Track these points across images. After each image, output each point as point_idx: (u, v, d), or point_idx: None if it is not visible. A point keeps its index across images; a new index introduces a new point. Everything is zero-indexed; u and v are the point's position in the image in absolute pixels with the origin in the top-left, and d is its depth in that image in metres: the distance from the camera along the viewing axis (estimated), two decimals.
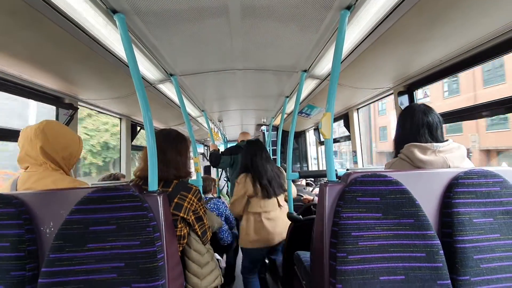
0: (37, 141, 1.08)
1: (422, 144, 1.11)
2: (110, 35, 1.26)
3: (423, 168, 1.09)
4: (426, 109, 1.18)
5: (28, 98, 1.65)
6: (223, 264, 2.41)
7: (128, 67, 1.10)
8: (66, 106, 1.91)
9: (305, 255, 1.58)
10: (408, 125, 1.20)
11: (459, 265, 0.88)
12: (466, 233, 0.90)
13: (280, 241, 2.08)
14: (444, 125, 1.21)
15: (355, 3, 1.10)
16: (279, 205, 2.14)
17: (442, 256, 0.87)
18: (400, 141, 1.21)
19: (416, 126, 1.17)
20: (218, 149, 3.22)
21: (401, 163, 1.16)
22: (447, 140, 1.14)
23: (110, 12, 1.07)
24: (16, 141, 1.15)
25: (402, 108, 1.99)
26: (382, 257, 0.87)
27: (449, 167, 1.08)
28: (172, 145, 1.26)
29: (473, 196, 0.93)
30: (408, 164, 1.14)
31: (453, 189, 0.94)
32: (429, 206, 0.96)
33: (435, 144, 1.10)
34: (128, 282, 0.83)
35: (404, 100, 2.01)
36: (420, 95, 2.00)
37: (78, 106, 2.04)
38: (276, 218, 2.11)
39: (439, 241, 0.88)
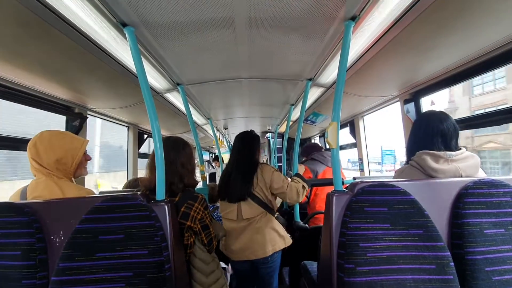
0: (30, 154, 1.11)
1: (435, 152, 1.09)
2: (119, 47, 1.29)
3: (434, 176, 1.08)
4: (443, 117, 1.15)
5: (39, 108, 1.69)
6: (229, 273, 2.39)
7: (137, 77, 1.13)
8: (76, 116, 1.96)
9: (312, 265, 1.56)
10: (422, 132, 1.18)
11: (470, 277, 0.86)
12: (477, 245, 0.88)
13: (256, 258, 1.64)
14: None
15: (359, 14, 1.11)
16: (240, 215, 1.67)
17: (452, 268, 0.85)
18: (412, 148, 1.19)
19: (430, 134, 1.14)
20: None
21: (412, 171, 1.14)
22: (460, 149, 1.11)
23: (120, 25, 1.11)
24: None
25: (408, 116, 1.99)
26: (391, 269, 0.86)
27: (461, 176, 1.06)
28: (181, 154, 1.26)
29: (484, 207, 0.91)
30: (419, 172, 1.12)
31: (463, 199, 0.93)
32: (438, 217, 0.95)
33: (448, 152, 1.08)
34: None
35: (411, 108, 2.00)
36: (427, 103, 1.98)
37: (87, 116, 2.08)
38: (238, 231, 1.68)
39: (449, 253, 0.86)
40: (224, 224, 1.74)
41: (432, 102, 1.95)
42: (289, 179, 1.78)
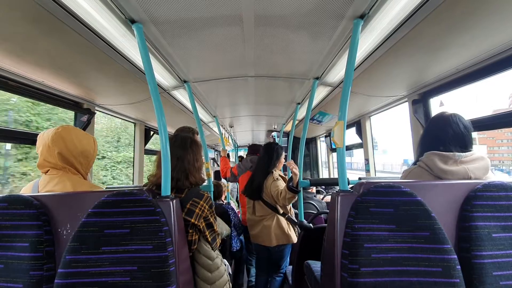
0: (55, 147, 1.11)
1: (444, 153, 1.08)
2: (127, 43, 1.30)
3: (443, 177, 1.06)
4: (442, 121, 1.16)
5: (50, 104, 1.72)
6: (231, 271, 2.40)
7: (144, 73, 1.14)
8: (84, 111, 1.98)
9: (315, 265, 1.56)
10: (423, 135, 1.23)
11: (477, 281, 0.85)
12: (485, 248, 0.86)
13: (264, 245, 2.15)
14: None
15: (368, 12, 1.09)
16: (254, 211, 2.21)
17: (459, 272, 0.84)
18: (420, 149, 1.21)
19: (430, 138, 1.18)
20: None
21: (420, 172, 1.14)
22: (470, 150, 1.10)
23: (129, 22, 1.11)
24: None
25: (416, 117, 1.96)
26: (396, 271, 0.85)
27: (471, 178, 1.05)
28: (188, 152, 1.26)
29: (493, 210, 0.89)
30: (427, 173, 1.11)
31: (471, 202, 0.91)
32: (445, 219, 0.93)
33: (457, 153, 1.07)
34: (140, 286, 0.84)
35: (419, 109, 1.96)
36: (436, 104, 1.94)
37: (95, 111, 2.11)
38: (253, 222, 2.22)
39: (456, 256, 0.85)
40: (246, 213, 2.33)
41: (441, 103, 1.92)
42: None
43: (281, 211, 2.17)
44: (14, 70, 1.38)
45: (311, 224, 1.97)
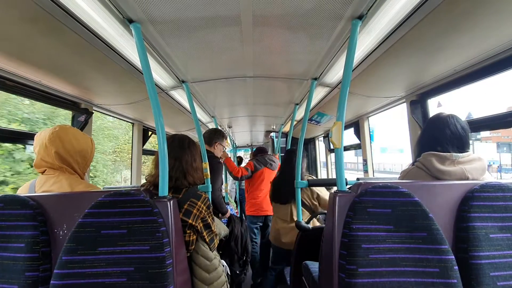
0: (52, 146, 1.10)
1: (441, 153, 1.09)
2: (125, 43, 1.30)
3: (440, 178, 1.07)
4: (440, 122, 1.17)
5: (47, 104, 1.71)
6: (228, 271, 2.39)
7: (142, 73, 1.13)
8: (82, 111, 1.98)
9: (313, 266, 1.56)
10: (421, 135, 1.24)
11: (475, 282, 0.85)
12: (482, 249, 0.87)
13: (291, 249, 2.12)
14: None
15: (366, 13, 1.10)
16: (291, 217, 2.15)
17: (456, 272, 0.84)
18: (418, 149, 1.22)
19: (427, 139, 1.19)
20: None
21: (418, 172, 1.14)
22: (467, 151, 1.11)
23: (127, 21, 1.11)
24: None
25: (414, 118, 1.97)
26: (394, 271, 0.85)
27: (468, 178, 1.05)
28: (185, 152, 1.27)
29: (490, 211, 0.90)
30: (424, 173, 1.12)
31: (468, 202, 0.91)
32: (443, 220, 0.93)
33: (454, 154, 1.08)
34: (137, 287, 0.84)
35: (417, 109, 1.97)
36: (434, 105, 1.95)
37: (93, 111, 2.10)
38: (287, 229, 2.15)
39: (453, 256, 0.85)
40: (277, 223, 2.26)
41: (438, 104, 1.92)
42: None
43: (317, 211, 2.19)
44: (11, 69, 1.37)
45: (309, 225, 1.96)
